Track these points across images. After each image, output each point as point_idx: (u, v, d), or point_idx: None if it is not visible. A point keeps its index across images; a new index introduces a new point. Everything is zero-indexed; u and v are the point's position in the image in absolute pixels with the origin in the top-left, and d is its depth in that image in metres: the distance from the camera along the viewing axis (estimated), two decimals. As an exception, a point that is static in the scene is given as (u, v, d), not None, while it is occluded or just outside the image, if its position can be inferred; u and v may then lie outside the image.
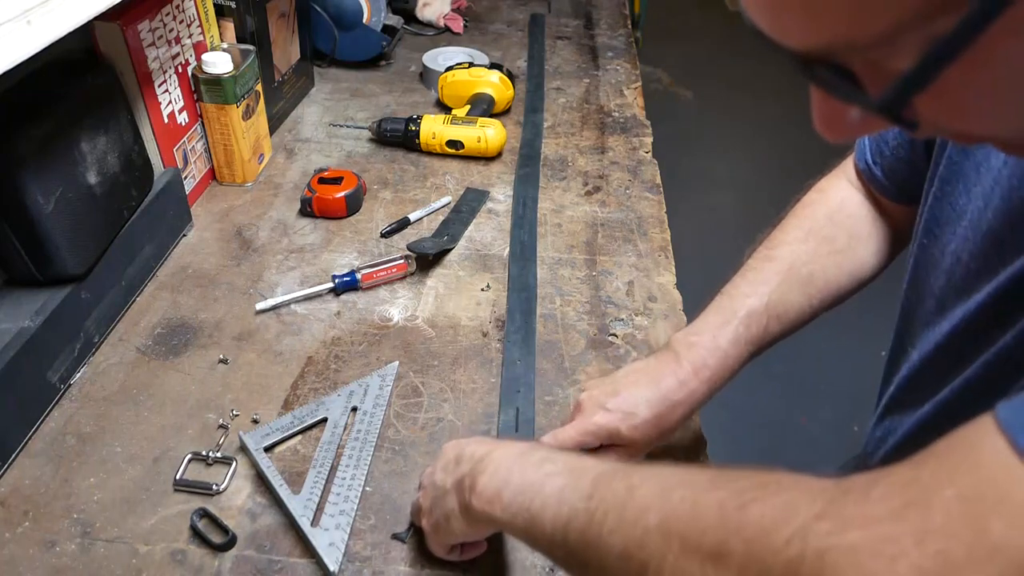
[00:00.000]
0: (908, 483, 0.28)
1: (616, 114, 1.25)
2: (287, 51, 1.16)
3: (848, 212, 0.66)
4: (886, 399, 0.58)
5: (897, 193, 0.62)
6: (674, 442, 0.70)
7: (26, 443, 0.67)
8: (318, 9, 1.25)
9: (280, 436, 0.68)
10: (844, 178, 0.68)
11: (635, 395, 0.59)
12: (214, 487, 0.63)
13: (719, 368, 0.59)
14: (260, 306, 0.82)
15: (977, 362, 0.46)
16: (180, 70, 0.90)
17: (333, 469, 0.65)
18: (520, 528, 0.44)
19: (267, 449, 0.67)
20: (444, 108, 1.22)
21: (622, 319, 0.84)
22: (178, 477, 0.64)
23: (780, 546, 0.29)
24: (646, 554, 0.35)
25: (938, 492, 0.27)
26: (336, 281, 0.85)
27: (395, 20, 1.42)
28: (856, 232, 0.65)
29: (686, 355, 0.59)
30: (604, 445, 0.60)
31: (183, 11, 0.89)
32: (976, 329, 0.46)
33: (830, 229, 0.65)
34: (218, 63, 0.90)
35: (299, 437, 0.69)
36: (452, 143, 1.09)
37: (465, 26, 1.53)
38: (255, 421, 0.70)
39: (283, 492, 0.62)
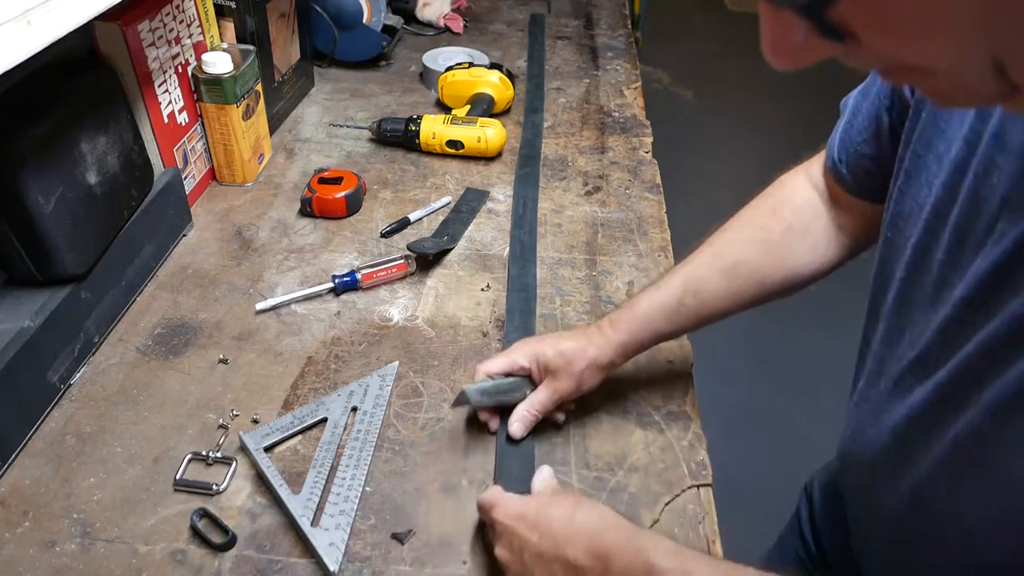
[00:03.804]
0: None
1: (616, 114, 1.25)
2: (287, 51, 1.16)
3: (793, 206, 0.67)
4: (856, 394, 0.59)
5: (861, 189, 0.62)
6: (674, 443, 0.70)
7: (26, 443, 0.67)
8: (318, 9, 1.25)
9: (280, 436, 0.68)
10: (804, 174, 0.69)
11: (562, 336, 0.69)
12: (214, 487, 0.63)
13: (635, 331, 0.67)
14: (260, 306, 0.82)
15: (944, 361, 0.46)
16: (180, 70, 0.90)
17: (333, 469, 0.65)
18: None
19: (267, 449, 0.67)
20: (444, 108, 1.22)
21: (622, 319, 0.83)
22: (178, 477, 0.64)
23: None
24: None
25: None
26: (336, 281, 0.85)
27: (395, 20, 1.42)
28: (796, 226, 0.66)
29: (610, 316, 0.68)
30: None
31: (183, 11, 0.89)
32: (942, 328, 0.47)
33: (769, 220, 0.67)
34: (218, 63, 0.90)
35: (299, 437, 0.69)
36: (452, 143, 1.09)
37: (465, 26, 1.53)
38: (255, 421, 0.70)
39: (283, 492, 0.62)
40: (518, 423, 0.67)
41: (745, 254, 0.67)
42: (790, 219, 0.67)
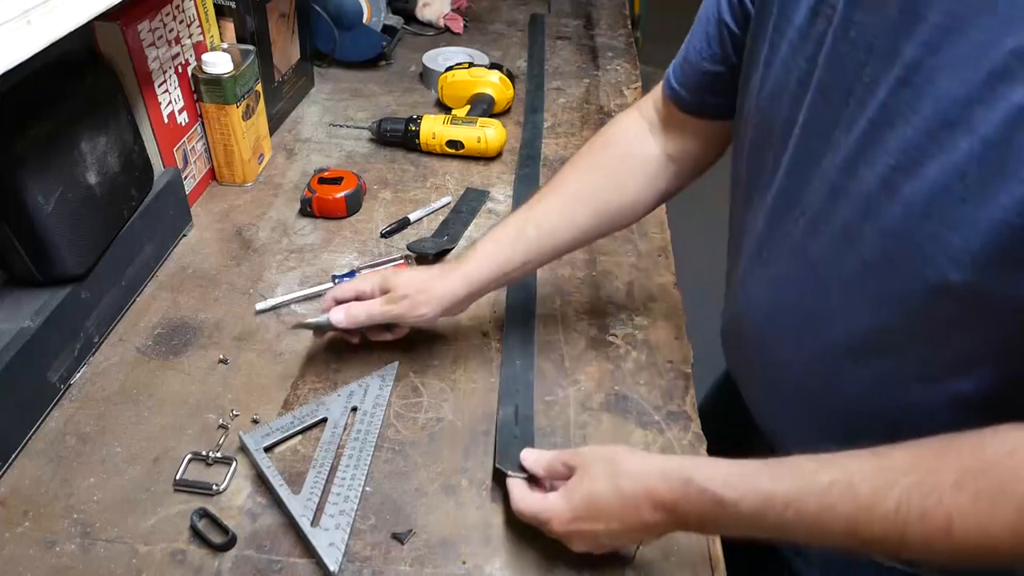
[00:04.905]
0: None
1: (616, 114, 1.25)
2: (287, 51, 1.16)
3: (626, 139, 0.73)
4: (740, 276, 0.63)
5: (703, 107, 0.67)
6: (674, 443, 0.70)
7: (26, 443, 0.67)
8: (318, 9, 1.25)
9: (280, 436, 0.68)
10: (635, 111, 0.74)
11: (408, 272, 0.73)
12: (214, 487, 0.63)
13: (482, 267, 0.70)
14: (260, 306, 0.82)
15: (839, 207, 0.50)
16: (180, 70, 0.90)
17: (333, 469, 0.65)
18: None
19: (267, 449, 0.66)
20: (444, 108, 1.22)
21: (622, 319, 0.84)
22: (178, 477, 0.64)
23: None
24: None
25: None
26: (336, 281, 0.85)
27: (395, 20, 1.42)
28: (629, 156, 0.72)
29: (456, 258, 0.72)
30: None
31: (183, 11, 0.89)
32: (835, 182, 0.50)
33: (603, 152, 0.73)
34: (218, 63, 0.90)
35: (299, 437, 0.69)
36: (452, 143, 1.09)
37: (465, 26, 1.53)
38: (255, 421, 0.70)
39: (283, 492, 0.62)
40: (342, 312, 0.71)
41: (582, 182, 0.72)
42: (623, 150, 0.72)
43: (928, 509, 0.40)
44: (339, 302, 0.72)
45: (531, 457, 0.61)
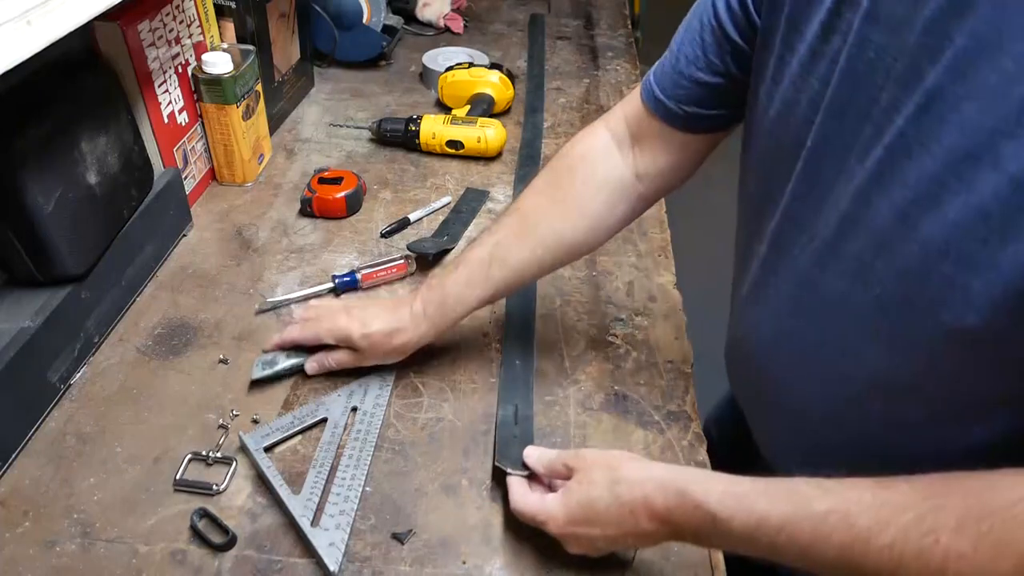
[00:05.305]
0: None
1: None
2: (287, 51, 1.16)
3: (590, 160, 0.69)
4: (744, 295, 0.61)
5: (689, 119, 0.63)
6: (674, 443, 0.70)
7: (26, 443, 0.67)
8: (318, 9, 1.25)
9: (280, 436, 0.68)
10: (602, 126, 0.71)
11: (373, 313, 0.71)
12: (214, 487, 0.63)
13: (448, 312, 0.70)
14: (260, 306, 0.82)
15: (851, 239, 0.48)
16: (180, 70, 0.90)
17: (333, 469, 0.65)
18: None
19: (267, 449, 0.66)
20: (444, 108, 1.22)
21: (622, 319, 0.84)
22: (178, 477, 0.64)
23: None
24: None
25: None
26: (336, 281, 0.85)
27: (395, 20, 1.42)
28: (592, 180, 0.68)
29: (422, 295, 0.70)
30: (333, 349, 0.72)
31: (183, 11, 0.89)
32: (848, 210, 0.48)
33: (565, 178, 0.69)
34: (218, 63, 0.90)
35: (299, 437, 0.69)
36: (452, 143, 1.09)
37: (465, 26, 1.53)
38: (255, 421, 0.70)
39: (283, 492, 0.62)
40: (315, 363, 0.73)
41: (544, 217, 0.69)
42: (585, 173, 0.69)
43: (925, 548, 0.39)
44: (281, 346, 0.74)
45: (534, 454, 0.61)
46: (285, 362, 0.73)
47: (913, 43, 0.41)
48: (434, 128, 1.09)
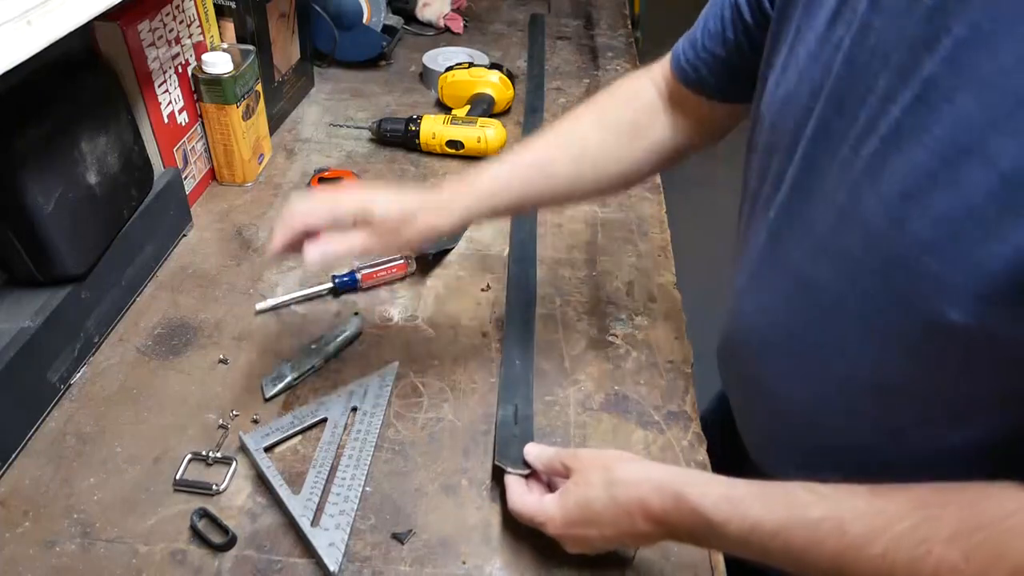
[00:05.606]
0: None
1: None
2: (287, 51, 1.16)
3: (637, 104, 0.70)
4: (741, 283, 0.61)
5: (709, 85, 0.65)
6: (674, 443, 0.70)
7: (26, 443, 0.67)
8: (318, 9, 1.25)
9: (280, 436, 0.68)
10: (647, 76, 0.71)
11: (393, 194, 0.63)
12: (214, 487, 0.63)
13: (483, 202, 0.66)
14: (260, 306, 0.82)
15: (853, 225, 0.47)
16: (180, 70, 0.90)
17: (333, 469, 0.65)
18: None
19: (267, 449, 0.66)
20: (444, 108, 1.22)
21: (622, 319, 0.84)
22: (178, 477, 0.64)
23: None
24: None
25: None
26: (336, 281, 0.85)
27: (395, 20, 1.42)
28: (638, 123, 0.69)
29: (447, 187, 0.66)
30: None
31: (183, 11, 0.89)
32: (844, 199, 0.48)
33: (617, 113, 0.70)
34: (218, 63, 0.90)
35: (299, 437, 0.69)
36: (452, 143, 1.09)
37: (465, 26, 1.53)
38: (255, 421, 0.70)
39: (283, 492, 0.62)
40: (318, 253, 0.61)
41: (592, 144, 0.69)
42: (633, 116, 0.70)
43: (917, 559, 0.39)
44: (308, 233, 0.62)
45: (534, 452, 0.61)
46: (292, 373, 0.73)
47: (913, 31, 0.41)
48: (434, 128, 1.09)
